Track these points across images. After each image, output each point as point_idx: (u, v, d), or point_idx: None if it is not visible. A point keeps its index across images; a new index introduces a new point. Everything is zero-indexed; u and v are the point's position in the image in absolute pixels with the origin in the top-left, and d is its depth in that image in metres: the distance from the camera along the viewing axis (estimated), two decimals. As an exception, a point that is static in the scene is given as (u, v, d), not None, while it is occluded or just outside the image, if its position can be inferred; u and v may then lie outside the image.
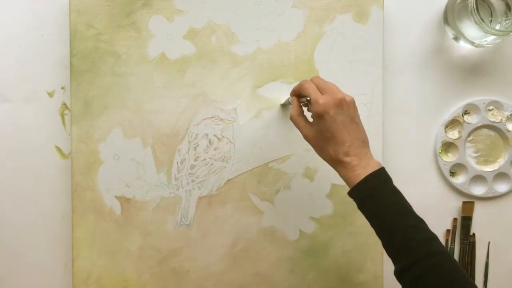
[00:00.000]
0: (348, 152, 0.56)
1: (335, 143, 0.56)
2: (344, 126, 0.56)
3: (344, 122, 0.57)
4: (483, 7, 0.71)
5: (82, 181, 0.71)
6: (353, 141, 0.57)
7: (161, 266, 0.72)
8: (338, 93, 0.57)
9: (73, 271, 0.71)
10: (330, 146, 0.57)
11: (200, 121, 0.72)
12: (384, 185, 0.56)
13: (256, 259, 0.73)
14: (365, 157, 0.57)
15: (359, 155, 0.56)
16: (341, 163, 0.57)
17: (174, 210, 0.72)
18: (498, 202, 0.76)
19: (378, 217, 0.56)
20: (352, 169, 0.56)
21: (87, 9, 0.70)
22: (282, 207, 0.73)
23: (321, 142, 0.58)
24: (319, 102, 0.56)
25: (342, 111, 0.57)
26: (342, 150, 0.56)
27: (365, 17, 0.72)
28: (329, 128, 0.56)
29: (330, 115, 0.56)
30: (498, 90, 0.76)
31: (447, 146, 0.76)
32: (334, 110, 0.56)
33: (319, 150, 0.59)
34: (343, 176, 0.57)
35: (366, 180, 0.55)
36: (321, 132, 0.57)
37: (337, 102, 0.56)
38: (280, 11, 0.72)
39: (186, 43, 0.71)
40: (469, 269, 0.76)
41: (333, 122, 0.56)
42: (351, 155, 0.56)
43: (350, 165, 0.56)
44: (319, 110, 0.56)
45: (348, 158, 0.56)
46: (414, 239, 0.53)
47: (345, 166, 0.57)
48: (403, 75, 0.75)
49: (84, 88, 0.70)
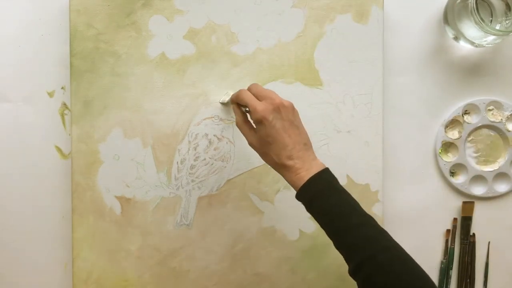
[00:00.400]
0: (291, 156, 0.57)
1: (277, 147, 0.57)
2: (284, 130, 0.58)
3: (284, 126, 0.58)
4: (483, 7, 0.71)
5: (82, 181, 0.71)
6: (294, 144, 0.57)
7: (161, 266, 0.72)
8: (275, 99, 0.58)
9: (73, 271, 0.71)
10: (272, 151, 0.58)
11: (200, 121, 0.72)
12: (329, 185, 0.57)
13: (256, 259, 0.73)
14: (308, 159, 0.57)
15: (301, 158, 0.57)
16: (285, 167, 0.57)
17: (174, 210, 0.72)
18: (498, 202, 0.76)
19: (325, 218, 0.56)
20: (296, 172, 0.57)
21: (87, 9, 0.70)
22: (282, 207, 0.73)
23: (264, 148, 0.59)
24: (257, 109, 0.58)
25: (280, 116, 0.58)
26: (284, 154, 0.57)
27: (365, 17, 0.72)
28: (269, 133, 0.58)
29: (269, 121, 0.57)
30: (498, 90, 0.76)
31: (447, 146, 0.76)
32: (273, 115, 0.57)
33: (264, 156, 0.60)
34: (288, 180, 0.58)
35: (310, 181, 0.56)
36: (263, 138, 0.58)
37: (275, 108, 0.58)
38: (280, 11, 0.72)
39: (186, 43, 0.71)
40: (469, 269, 0.76)
41: (273, 127, 0.57)
42: (293, 158, 0.57)
43: (294, 168, 0.57)
44: (258, 116, 0.58)
45: (291, 161, 0.57)
46: (360, 237, 0.54)
47: (288, 170, 0.57)
48: (403, 75, 0.75)
49: (84, 88, 0.70)
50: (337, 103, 0.73)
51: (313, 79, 0.72)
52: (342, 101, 0.73)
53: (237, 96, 0.62)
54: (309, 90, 0.72)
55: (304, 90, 0.72)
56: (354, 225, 0.55)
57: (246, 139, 0.62)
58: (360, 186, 0.73)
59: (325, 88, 0.72)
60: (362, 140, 0.73)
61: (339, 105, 0.73)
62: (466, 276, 0.76)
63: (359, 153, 0.73)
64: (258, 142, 0.60)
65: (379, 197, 0.73)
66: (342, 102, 0.73)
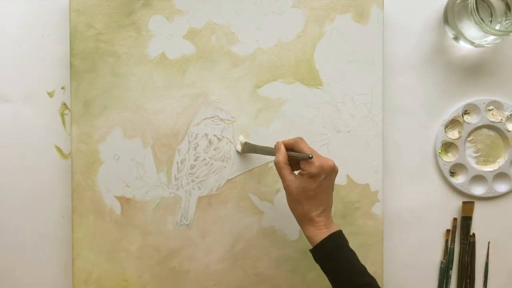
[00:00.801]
0: (321, 214, 0.61)
1: (314, 204, 0.61)
2: (327, 191, 0.61)
3: (328, 188, 0.61)
4: (483, 7, 0.71)
5: (82, 181, 0.71)
6: (326, 206, 0.61)
7: (161, 266, 0.72)
8: (329, 160, 0.61)
9: (73, 271, 0.71)
10: (308, 205, 0.61)
11: (200, 121, 0.72)
12: (345, 244, 0.61)
13: (256, 259, 0.73)
14: (330, 220, 0.62)
15: (327, 218, 0.61)
16: (311, 222, 0.61)
17: (174, 210, 0.72)
18: (498, 202, 0.76)
19: (338, 273, 0.59)
20: (319, 228, 0.60)
21: (87, 9, 0.70)
22: (282, 207, 0.73)
23: (301, 198, 0.61)
24: (315, 164, 0.60)
25: (330, 178, 0.61)
26: (317, 211, 0.61)
27: (365, 17, 0.72)
28: (315, 190, 0.60)
29: (321, 179, 0.60)
30: (498, 90, 0.76)
31: (447, 146, 0.76)
32: (325, 175, 0.60)
33: (295, 204, 0.62)
34: (309, 233, 0.61)
35: (331, 236, 0.60)
36: (305, 189, 0.60)
37: (330, 169, 0.61)
38: (280, 11, 0.72)
39: (186, 43, 0.71)
40: (469, 269, 0.76)
41: (320, 186, 0.60)
42: (322, 216, 0.61)
43: (318, 225, 0.61)
44: (315, 171, 0.60)
45: (319, 218, 0.61)
46: None
47: (313, 225, 0.61)
48: (403, 75, 0.75)
49: (84, 88, 0.70)
50: (337, 103, 0.73)
51: (313, 79, 0.72)
52: (342, 101, 0.73)
53: (296, 142, 0.63)
54: (309, 90, 0.72)
55: (304, 90, 0.72)
56: (366, 284, 0.59)
57: (283, 181, 0.62)
58: (360, 186, 0.73)
59: (325, 88, 0.72)
60: (362, 140, 0.73)
61: (339, 105, 0.73)
62: (466, 276, 0.76)
63: (359, 153, 0.73)
64: (297, 190, 0.61)
65: (379, 197, 0.73)
66: (342, 102, 0.73)
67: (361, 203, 0.73)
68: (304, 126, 0.72)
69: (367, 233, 0.73)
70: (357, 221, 0.73)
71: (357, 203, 0.73)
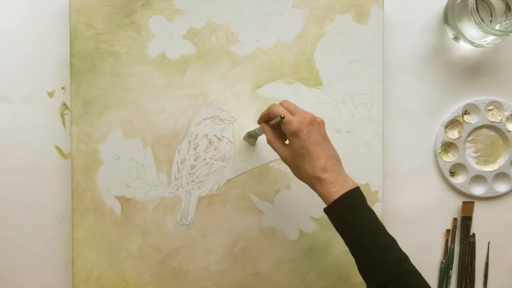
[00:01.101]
0: (325, 168, 0.57)
1: (311, 159, 0.58)
2: (318, 143, 0.58)
3: (317, 139, 0.59)
4: (483, 7, 0.71)
5: (82, 181, 0.71)
6: (328, 157, 0.58)
7: (161, 266, 0.72)
8: (308, 113, 0.60)
9: (73, 271, 0.71)
10: (307, 163, 0.58)
11: (200, 121, 0.72)
12: (361, 203, 0.57)
13: (256, 259, 0.73)
14: (342, 174, 0.58)
15: (336, 172, 0.58)
16: (319, 180, 0.58)
17: (174, 210, 0.72)
18: (498, 202, 0.76)
19: (354, 235, 0.56)
20: (331, 185, 0.57)
21: (87, 9, 0.70)
22: (282, 207, 0.73)
23: (298, 161, 0.59)
24: (292, 122, 0.58)
25: (314, 129, 0.59)
26: (319, 165, 0.57)
27: (365, 17, 0.72)
28: (304, 145, 0.58)
29: (304, 133, 0.58)
30: (498, 90, 0.76)
31: (447, 146, 0.76)
32: (307, 128, 0.58)
33: (297, 170, 0.60)
34: (321, 193, 0.58)
35: (344, 197, 0.56)
36: (297, 150, 0.59)
37: (310, 121, 0.59)
38: (280, 11, 0.72)
39: (186, 43, 0.71)
40: (469, 269, 0.76)
41: (307, 140, 0.58)
42: (328, 171, 0.57)
43: (328, 181, 0.57)
44: (294, 128, 0.58)
45: (325, 174, 0.57)
46: (386, 259, 0.55)
47: (322, 183, 0.57)
48: (403, 75, 0.75)
49: (84, 88, 0.70)
50: (337, 103, 0.73)
51: (313, 79, 0.72)
52: (342, 101, 0.73)
53: (269, 110, 0.62)
54: (309, 90, 0.72)
55: (304, 90, 0.72)
56: (382, 246, 0.55)
57: (279, 155, 0.61)
58: (360, 186, 0.73)
59: (325, 88, 0.72)
60: (362, 140, 0.73)
61: (339, 105, 0.73)
62: (466, 276, 0.76)
63: (359, 153, 0.73)
64: (292, 155, 0.60)
65: (379, 197, 0.73)
66: (342, 102, 0.73)
67: (361, 203, 0.73)
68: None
69: (367, 233, 0.73)
70: (357, 221, 0.73)
71: (357, 203, 0.73)
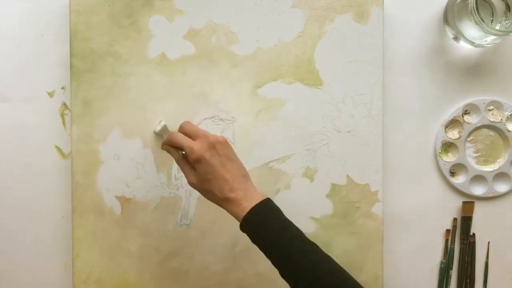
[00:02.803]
0: (232, 188, 0.58)
1: (218, 183, 0.58)
2: (222, 165, 0.59)
3: (221, 162, 0.59)
4: (483, 7, 0.71)
5: (82, 181, 0.71)
6: (234, 178, 0.59)
7: (161, 266, 0.72)
8: (209, 136, 0.59)
9: (73, 271, 0.71)
10: (214, 187, 0.59)
11: (200, 121, 0.72)
12: (272, 214, 0.58)
13: (256, 259, 0.73)
14: (249, 190, 0.59)
15: (243, 189, 0.58)
16: (228, 200, 0.58)
17: (174, 210, 0.72)
18: (498, 202, 0.76)
19: (269, 245, 0.57)
20: (239, 203, 0.58)
21: (87, 9, 0.70)
22: (282, 207, 0.72)
23: (206, 185, 0.59)
24: (193, 149, 0.58)
25: (217, 152, 0.59)
26: (226, 187, 0.58)
27: (365, 17, 0.72)
28: (209, 171, 0.58)
29: (207, 158, 0.58)
30: (498, 90, 0.76)
31: (447, 146, 0.76)
32: (210, 152, 0.58)
33: (206, 194, 0.60)
34: (232, 213, 0.59)
35: (253, 211, 0.57)
36: (203, 175, 0.59)
37: (210, 145, 0.59)
38: (280, 11, 0.72)
39: (186, 43, 0.71)
40: (469, 269, 0.76)
41: (212, 165, 0.58)
42: (235, 190, 0.58)
43: (236, 200, 0.58)
44: (196, 156, 0.58)
45: (233, 194, 0.58)
46: (306, 262, 0.55)
47: (232, 203, 0.58)
48: (403, 75, 0.75)
49: (84, 88, 0.70)
50: (337, 103, 0.73)
51: (313, 79, 0.72)
52: (342, 101, 0.73)
53: (170, 140, 0.62)
54: (309, 90, 0.72)
55: (304, 90, 0.72)
56: (300, 250, 0.56)
57: (187, 179, 0.61)
58: (360, 186, 0.73)
59: (325, 88, 0.72)
60: (362, 140, 0.73)
61: (339, 105, 0.73)
62: (466, 276, 0.76)
63: (359, 153, 0.73)
64: (199, 180, 0.60)
65: (379, 197, 0.73)
66: (342, 102, 0.73)
67: (361, 203, 0.73)
68: (304, 126, 0.72)
69: (367, 233, 0.73)
70: (357, 221, 0.73)
71: (357, 203, 0.73)
